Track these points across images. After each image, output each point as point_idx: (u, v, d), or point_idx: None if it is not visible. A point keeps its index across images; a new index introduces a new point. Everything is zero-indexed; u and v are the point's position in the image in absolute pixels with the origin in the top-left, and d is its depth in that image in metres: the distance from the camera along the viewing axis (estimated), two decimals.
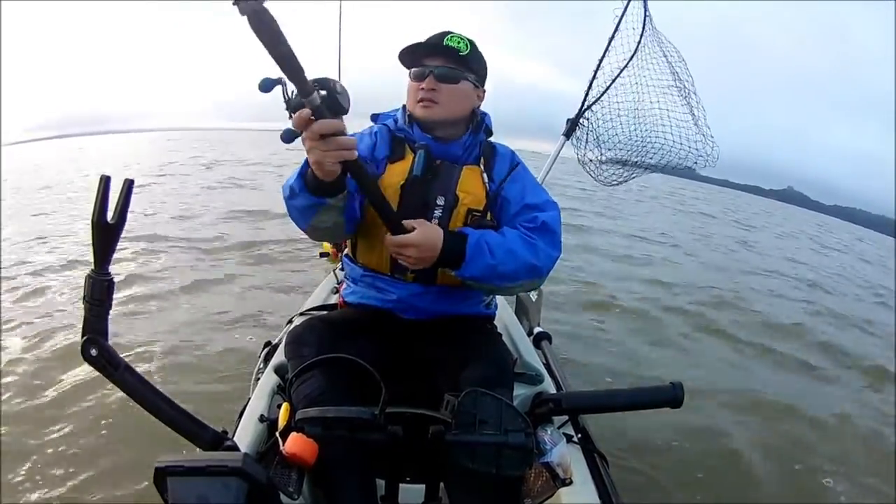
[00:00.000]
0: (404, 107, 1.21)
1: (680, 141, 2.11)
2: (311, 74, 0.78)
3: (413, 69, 1.17)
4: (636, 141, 2.20)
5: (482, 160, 1.20)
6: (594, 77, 2.22)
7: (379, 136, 1.20)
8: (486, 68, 1.21)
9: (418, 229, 1.01)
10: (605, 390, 1.21)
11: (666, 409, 1.04)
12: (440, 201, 1.12)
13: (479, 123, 1.21)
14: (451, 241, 1.02)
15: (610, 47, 2.19)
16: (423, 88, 1.13)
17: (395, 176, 1.14)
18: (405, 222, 1.02)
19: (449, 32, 1.16)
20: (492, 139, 1.27)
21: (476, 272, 1.03)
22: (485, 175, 1.17)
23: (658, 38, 2.20)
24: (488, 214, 1.15)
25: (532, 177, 1.24)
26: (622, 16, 2.16)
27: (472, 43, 1.16)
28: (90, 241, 0.66)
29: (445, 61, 1.14)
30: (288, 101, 0.80)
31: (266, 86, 0.79)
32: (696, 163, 2.12)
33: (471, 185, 1.15)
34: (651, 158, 2.20)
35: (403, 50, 1.16)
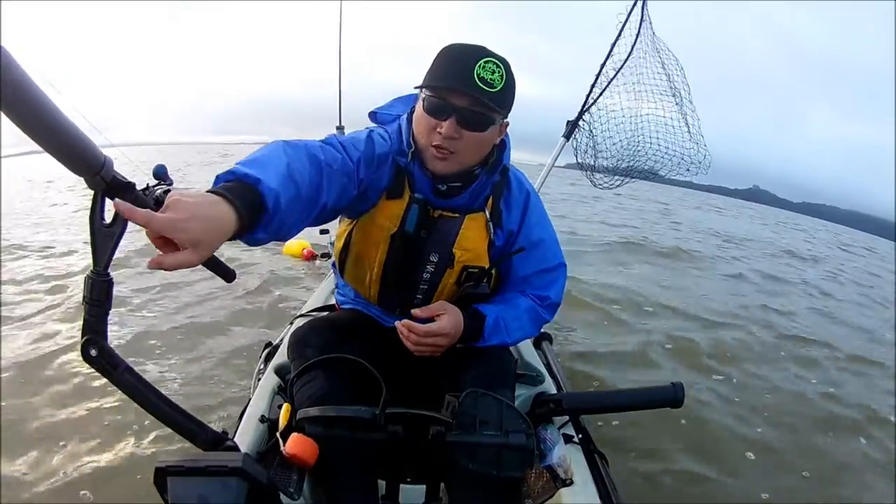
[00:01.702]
0: (409, 119, 1.01)
1: (673, 148, 2.15)
2: (310, 74, 0.76)
3: (429, 97, 0.93)
4: (632, 146, 2.23)
5: (491, 200, 1.06)
6: (595, 81, 2.25)
7: (379, 156, 0.98)
8: (515, 94, 0.96)
9: (446, 316, 0.99)
10: (605, 391, 1.20)
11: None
12: (433, 258, 1.03)
13: (494, 163, 1.03)
14: (471, 324, 1.02)
15: (612, 52, 2.21)
16: (440, 132, 0.93)
17: (387, 218, 1.01)
18: (428, 309, 1.01)
19: (482, 54, 0.91)
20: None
21: (488, 345, 1.05)
22: (490, 225, 1.05)
23: (657, 45, 2.22)
24: (487, 270, 1.05)
25: (546, 222, 1.14)
26: (625, 21, 2.18)
27: (506, 69, 0.92)
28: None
29: (473, 102, 0.91)
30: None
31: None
32: (688, 170, 2.16)
33: (471, 241, 1.03)
34: (645, 165, 2.23)
35: (429, 85, 0.93)
